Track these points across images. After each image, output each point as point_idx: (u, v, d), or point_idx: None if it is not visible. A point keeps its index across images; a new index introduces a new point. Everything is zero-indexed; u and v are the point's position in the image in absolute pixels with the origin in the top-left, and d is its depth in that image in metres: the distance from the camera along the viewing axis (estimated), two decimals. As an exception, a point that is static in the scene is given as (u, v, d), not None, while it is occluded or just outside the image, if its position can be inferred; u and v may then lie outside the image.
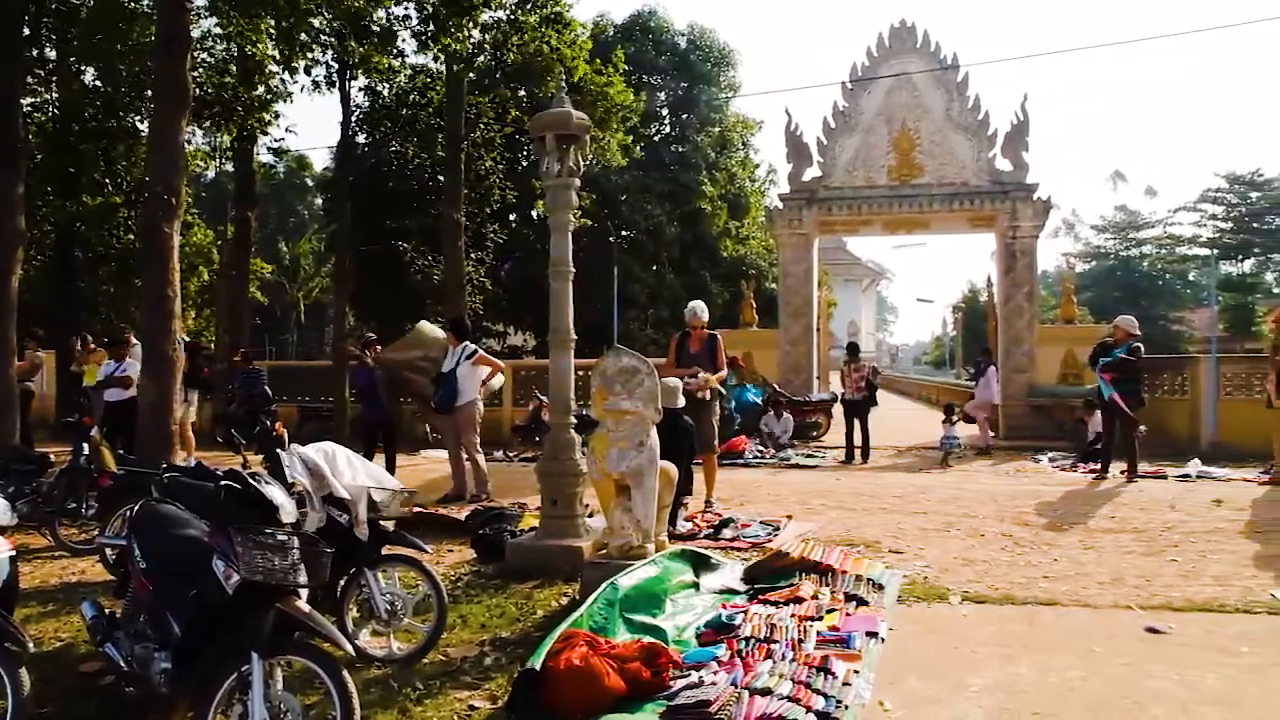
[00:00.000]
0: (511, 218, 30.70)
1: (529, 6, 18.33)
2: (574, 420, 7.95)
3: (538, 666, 4.45)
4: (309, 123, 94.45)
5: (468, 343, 11.42)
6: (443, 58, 18.12)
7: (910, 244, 52.78)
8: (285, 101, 17.25)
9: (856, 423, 15.24)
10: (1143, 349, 12.59)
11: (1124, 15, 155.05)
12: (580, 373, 11.74)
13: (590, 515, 7.97)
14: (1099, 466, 12.62)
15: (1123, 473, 12.26)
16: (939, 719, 4.41)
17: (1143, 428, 12.46)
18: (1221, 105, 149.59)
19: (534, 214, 28.84)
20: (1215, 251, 60.17)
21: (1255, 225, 68.69)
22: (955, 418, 15.60)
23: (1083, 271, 66.71)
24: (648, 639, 5.08)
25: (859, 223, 20.25)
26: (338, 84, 18.47)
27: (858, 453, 15.16)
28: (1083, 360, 17.96)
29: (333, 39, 16.12)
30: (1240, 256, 68.85)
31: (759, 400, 17.51)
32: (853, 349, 16.20)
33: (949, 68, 19.51)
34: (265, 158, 22.66)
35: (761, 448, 16.18)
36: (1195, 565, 7.37)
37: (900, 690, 4.71)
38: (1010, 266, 19.02)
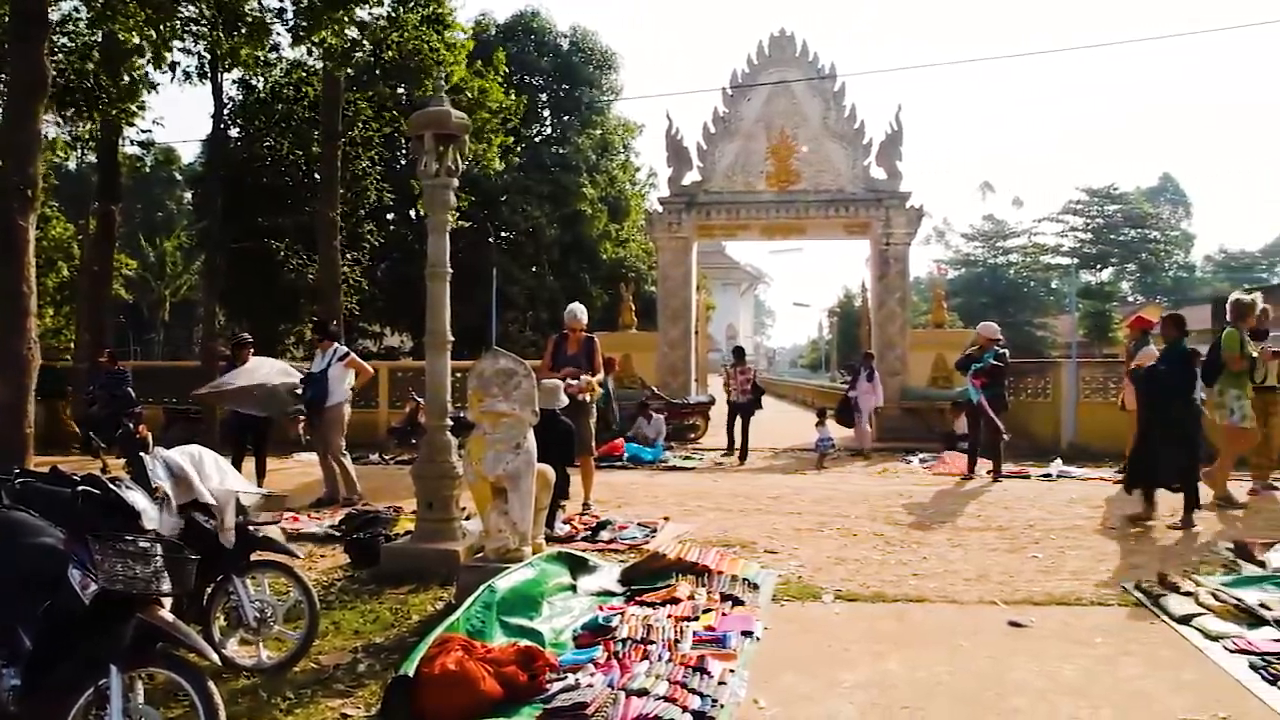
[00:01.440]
0: (389, 217, 30.22)
1: (410, 5, 18.08)
2: (450, 422, 7.86)
3: (410, 672, 4.38)
4: (178, 115, 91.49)
5: (339, 344, 11.32)
6: (319, 53, 17.72)
7: (787, 249, 53.66)
8: (153, 92, 16.58)
9: (740, 423, 15.82)
10: (1007, 354, 13.06)
11: (995, 32, 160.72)
12: (457, 374, 11.62)
13: (467, 518, 7.90)
14: (965, 467, 13.03)
15: (989, 473, 12.68)
16: (813, 715, 4.49)
17: (1007, 436, 12.89)
18: (1082, 120, 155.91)
19: (412, 214, 28.44)
20: (1076, 261, 62.74)
21: (1112, 237, 71.98)
22: (829, 419, 15.91)
23: (953, 278, 68.76)
24: (525, 642, 5.06)
25: (737, 227, 20.48)
26: (209, 76, 17.93)
27: (737, 453, 15.71)
28: (952, 364, 18.54)
29: (204, 28, 15.60)
30: (1099, 266, 71.98)
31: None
32: (739, 352, 16.88)
33: (826, 77, 19.89)
34: (131, 149, 21.79)
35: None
36: (1055, 561, 7.66)
37: (775, 688, 4.78)
38: (884, 272, 19.49)
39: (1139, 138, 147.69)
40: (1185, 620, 5.83)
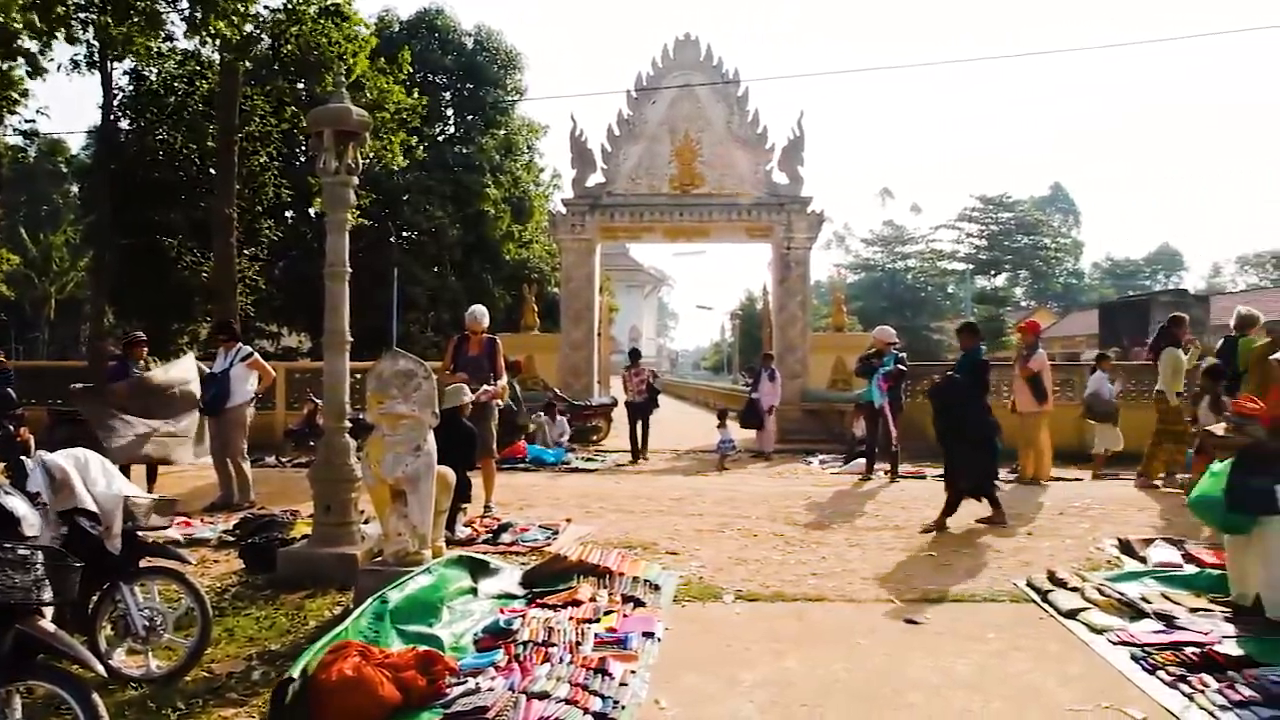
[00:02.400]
0: (288, 215, 29.62)
1: (308, -4, 17.74)
2: (349, 424, 7.72)
3: (296, 674, 4.28)
4: (65, 104, 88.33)
5: (241, 344, 11.08)
6: (215, 44, 17.27)
7: (691, 252, 54.05)
8: (38, 79, 15.85)
9: (639, 423, 16.08)
10: (904, 357, 13.38)
11: (899, 40, 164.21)
12: (357, 376, 11.45)
13: (366, 522, 7.78)
14: (865, 468, 13.27)
15: (886, 473, 12.93)
16: (713, 715, 4.52)
17: (896, 441, 13.16)
18: (978, 129, 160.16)
19: (311, 211, 27.90)
20: (971, 267, 64.52)
21: (1006, 243, 74.23)
22: (729, 421, 16.06)
23: (853, 282, 70.10)
24: (424, 647, 5.00)
25: (641, 230, 20.54)
26: (99, 65, 17.35)
27: (639, 451, 15.99)
28: (851, 367, 18.86)
29: (94, 15, 15.07)
30: (993, 272, 74.13)
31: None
32: (634, 354, 17.12)
33: (730, 82, 20.08)
34: (13, 139, 20.96)
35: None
36: (950, 559, 7.84)
37: (676, 688, 4.80)
38: (785, 276, 19.74)
39: (1032, 148, 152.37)
40: (1072, 615, 6.03)
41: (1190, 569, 7.23)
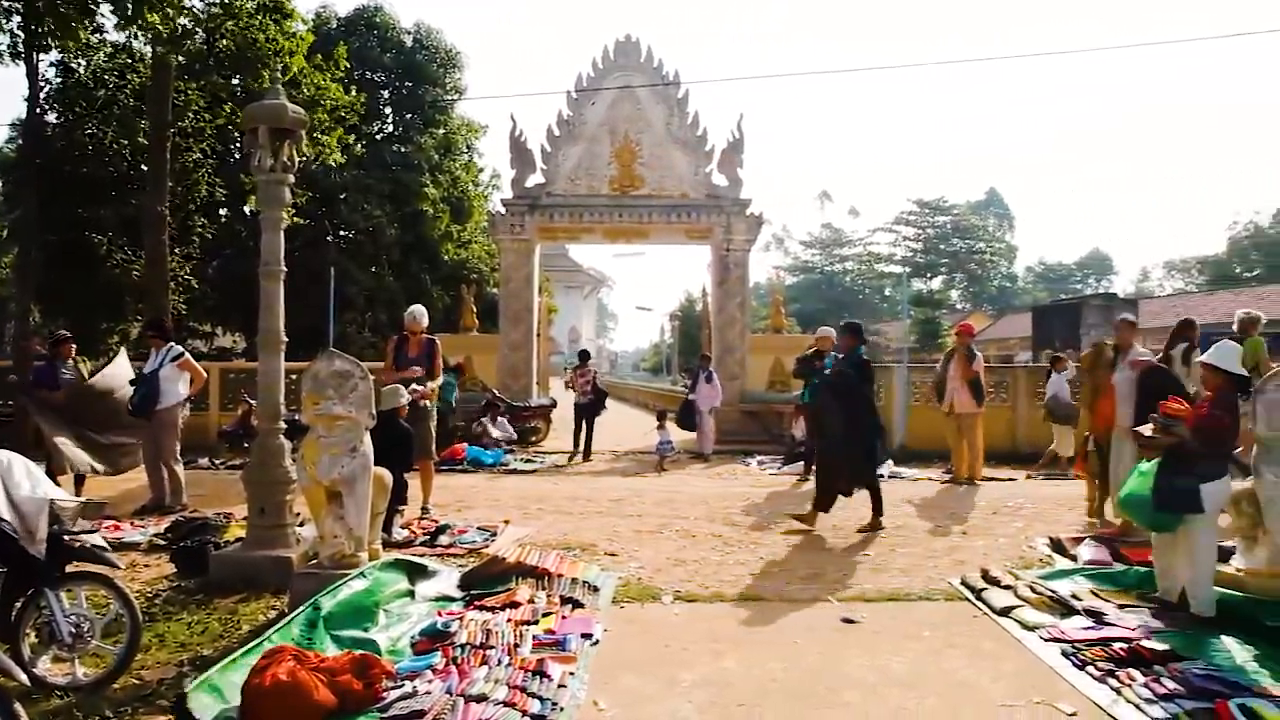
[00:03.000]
0: (222, 213, 29.06)
1: (246, -9, 17.41)
2: (284, 426, 7.62)
3: (219, 684, 4.20)
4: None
5: (173, 344, 10.86)
6: (147, 38, 16.88)
7: (630, 253, 54.18)
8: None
9: (584, 423, 16.34)
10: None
11: (836, 45, 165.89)
12: (292, 376, 11.30)
13: (301, 524, 7.68)
14: (803, 469, 13.35)
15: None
16: (652, 715, 4.53)
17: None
18: (915, 133, 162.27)
19: (246, 209, 27.40)
20: (908, 269, 65.24)
21: (942, 247, 75.36)
22: (668, 422, 16.10)
23: (792, 284, 70.67)
24: (360, 651, 4.95)
25: (580, 230, 20.51)
26: (24, 56, 16.88)
27: (582, 451, 16.26)
28: (789, 368, 18.99)
29: (19, 3, 14.64)
30: (929, 275, 75.18)
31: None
32: (583, 355, 17.55)
33: (670, 84, 20.13)
34: (-69, 131, 20.32)
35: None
36: (885, 559, 7.93)
37: (615, 689, 4.80)
38: (724, 278, 19.83)
39: (968, 153, 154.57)
40: (1005, 612, 6.15)
41: (1119, 566, 7.39)
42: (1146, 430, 6.45)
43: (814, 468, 11.03)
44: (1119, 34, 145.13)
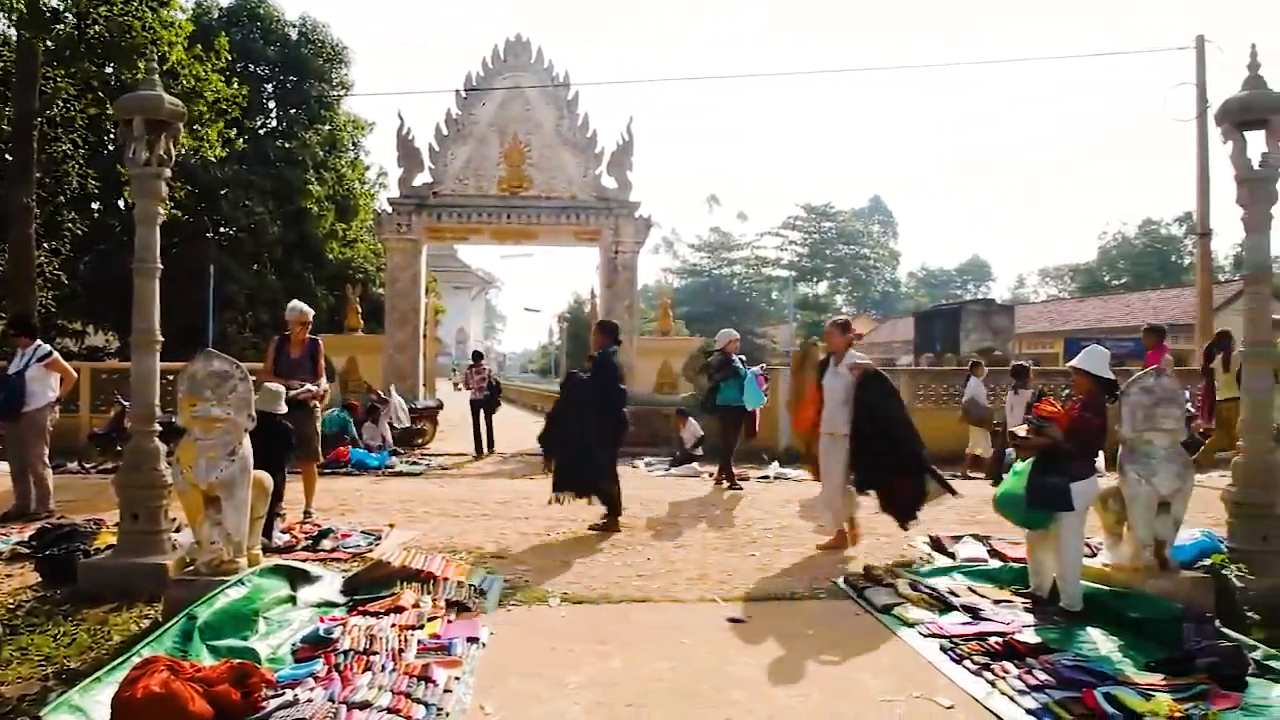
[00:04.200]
0: (94, 206, 28.01)
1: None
2: (159, 428, 7.37)
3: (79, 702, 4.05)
4: None
5: (40, 343, 10.41)
6: (11, 20, 16.17)
7: (518, 254, 53.95)
8: None
9: (483, 418, 17.17)
10: (744, 359, 13.47)
11: (727, 49, 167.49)
12: (169, 377, 10.96)
13: (177, 530, 7.44)
14: (717, 471, 13.27)
15: (710, 475, 13.14)
16: (537, 717, 4.51)
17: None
18: (803, 138, 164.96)
19: (121, 203, 26.51)
20: (794, 273, 66.35)
21: (828, 252, 76.81)
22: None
23: (680, 287, 71.11)
24: (239, 660, 4.82)
25: (468, 231, 20.32)
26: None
27: (483, 447, 17.08)
28: (677, 370, 19.19)
29: None
30: (815, 279, 76.57)
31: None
32: (477, 355, 18.34)
33: (560, 85, 20.07)
34: None
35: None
36: (771, 559, 8.05)
37: (501, 693, 4.77)
38: (612, 280, 19.87)
39: (854, 160, 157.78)
40: (886, 610, 6.30)
41: (995, 563, 7.63)
42: (1021, 431, 6.69)
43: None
44: (1003, 49, 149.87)
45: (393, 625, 5.61)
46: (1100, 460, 8.94)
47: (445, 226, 19.86)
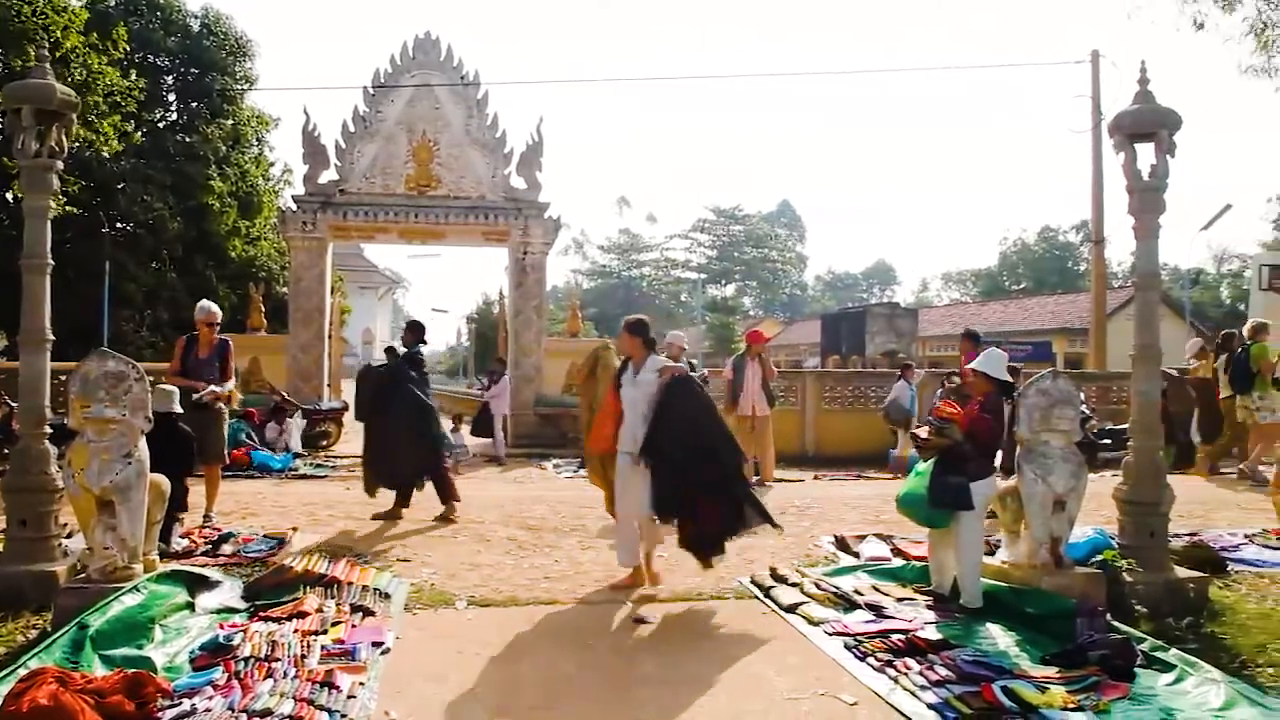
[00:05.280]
0: (-19, 199, 27.03)
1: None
2: (49, 430, 7.13)
3: None
4: None
5: None
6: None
7: (426, 254, 53.31)
8: None
9: None
10: (696, 363, 13.44)
11: (639, 50, 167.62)
12: (61, 377, 10.61)
13: (69, 536, 7.20)
14: None
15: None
16: (443, 723, 4.48)
17: None
18: (714, 142, 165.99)
19: (10, 196, 25.60)
20: (703, 276, 66.83)
21: (736, 255, 77.55)
22: (461, 425, 15.96)
23: (589, 288, 71.15)
24: (133, 670, 4.68)
25: (375, 230, 20.06)
26: None
27: None
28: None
29: None
30: (724, 281, 77.24)
31: None
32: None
33: (470, 84, 19.91)
34: None
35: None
36: (678, 560, 8.06)
37: (407, 697, 4.73)
38: (521, 281, 19.77)
39: (763, 163, 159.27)
40: (792, 609, 6.38)
41: (898, 562, 7.78)
42: (923, 433, 6.83)
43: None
44: (910, 56, 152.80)
45: (295, 631, 5.52)
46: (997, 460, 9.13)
47: (351, 225, 19.56)
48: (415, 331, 10.63)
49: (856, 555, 8.20)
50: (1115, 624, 5.88)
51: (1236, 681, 5.04)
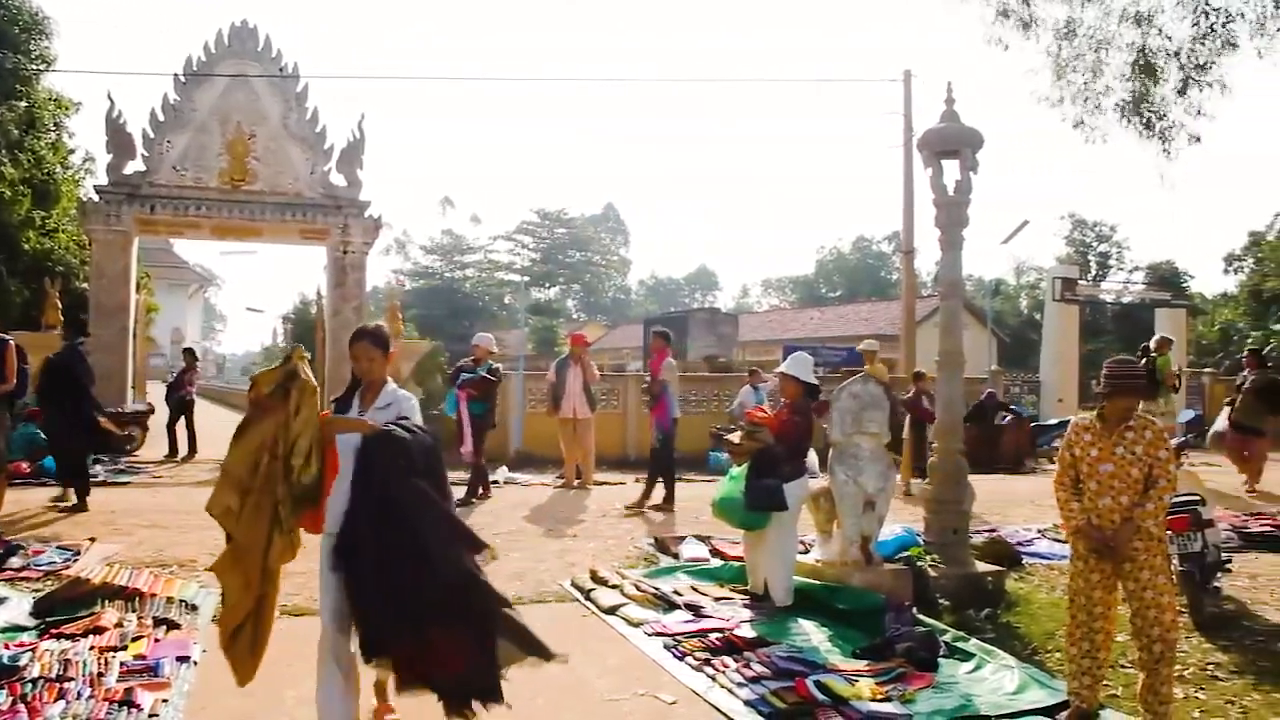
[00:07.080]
0: None
1: None
2: None
3: None
4: None
5: None
6: None
7: (240, 251, 51.31)
8: None
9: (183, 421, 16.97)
10: (500, 369, 12.99)
11: (463, 51, 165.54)
12: None
13: None
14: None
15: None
16: (250, 740, 4.32)
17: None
18: (537, 143, 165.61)
19: None
20: (527, 278, 66.61)
21: (560, 257, 77.65)
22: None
23: (411, 289, 69.83)
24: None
25: (186, 225, 19.23)
26: None
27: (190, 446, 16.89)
28: (405, 375, 18.83)
29: None
30: (547, 284, 77.18)
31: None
32: (189, 353, 18.37)
33: (289, 76, 19.30)
34: None
35: None
36: (498, 564, 7.99)
37: (214, 712, 4.59)
38: (341, 280, 19.30)
39: (588, 166, 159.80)
40: (612, 611, 6.44)
41: (716, 562, 7.94)
42: (735, 437, 6.99)
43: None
44: (732, 67, 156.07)
45: (92, 648, 5.24)
46: (813, 459, 9.38)
47: (159, 219, 18.67)
48: (73, 328, 11.96)
49: (676, 556, 8.33)
50: (921, 617, 6.17)
51: (1029, 667, 5.41)
